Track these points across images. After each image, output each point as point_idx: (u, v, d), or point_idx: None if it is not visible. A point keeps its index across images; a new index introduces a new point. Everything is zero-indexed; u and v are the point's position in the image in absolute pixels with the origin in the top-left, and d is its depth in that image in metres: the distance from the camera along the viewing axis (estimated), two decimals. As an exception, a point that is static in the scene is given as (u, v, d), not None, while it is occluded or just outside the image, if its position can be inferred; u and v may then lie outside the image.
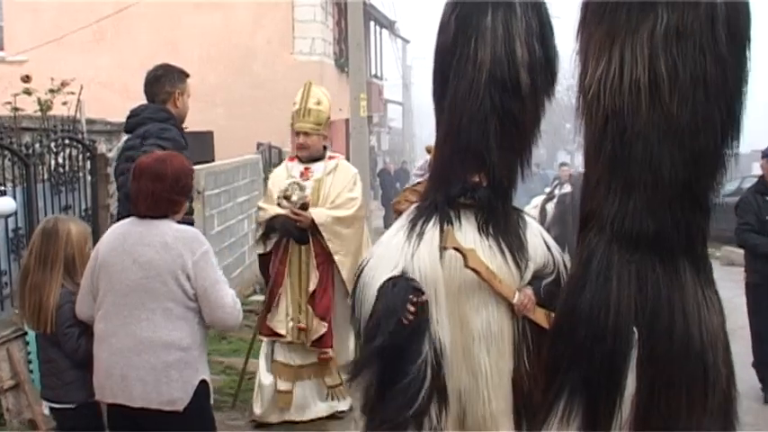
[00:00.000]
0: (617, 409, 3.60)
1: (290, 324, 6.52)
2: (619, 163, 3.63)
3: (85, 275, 4.17)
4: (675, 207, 3.61)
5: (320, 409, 6.76)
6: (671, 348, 3.55)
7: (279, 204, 6.44)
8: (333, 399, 6.76)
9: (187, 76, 5.65)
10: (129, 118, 5.50)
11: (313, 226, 6.41)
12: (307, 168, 6.69)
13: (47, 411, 4.53)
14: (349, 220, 6.62)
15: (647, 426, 3.58)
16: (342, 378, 6.53)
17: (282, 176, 6.74)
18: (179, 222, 4.18)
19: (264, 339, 6.72)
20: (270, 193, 6.73)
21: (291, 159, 6.94)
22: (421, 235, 4.24)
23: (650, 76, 3.54)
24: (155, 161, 4.14)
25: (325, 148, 6.82)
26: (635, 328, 3.58)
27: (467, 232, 4.29)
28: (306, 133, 6.62)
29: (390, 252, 4.26)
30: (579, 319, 3.69)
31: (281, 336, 6.53)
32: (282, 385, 6.57)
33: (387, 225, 25.35)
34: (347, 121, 22.45)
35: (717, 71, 3.52)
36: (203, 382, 4.09)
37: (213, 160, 12.91)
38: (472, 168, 4.30)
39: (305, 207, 6.38)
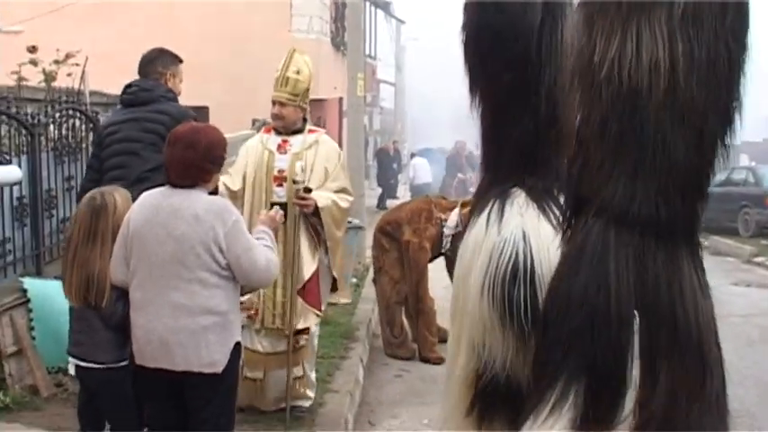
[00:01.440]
0: (620, 398, 3.47)
1: (266, 307, 6.03)
2: (627, 144, 3.52)
3: (118, 243, 4.26)
4: (687, 193, 3.54)
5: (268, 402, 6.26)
6: (674, 336, 3.45)
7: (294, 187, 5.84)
8: (294, 392, 6.11)
9: (180, 61, 5.78)
10: (141, 91, 5.55)
11: (315, 210, 5.90)
12: (285, 141, 6.18)
13: (72, 370, 4.59)
14: (346, 209, 6.25)
15: (650, 416, 3.45)
16: (306, 370, 6.22)
17: (258, 149, 6.21)
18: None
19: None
20: (239, 165, 6.16)
21: (267, 131, 6.38)
22: (551, 218, 4.39)
23: (669, 57, 3.43)
24: (189, 130, 4.28)
25: (304, 120, 6.30)
26: (636, 314, 3.46)
27: None
28: (281, 103, 6.11)
29: (548, 237, 4.31)
30: (573, 302, 3.56)
31: (252, 315, 6.00)
32: (250, 373, 6.10)
33: (380, 206, 25.43)
34: (341, 99, 22.48)
35: (726, 57, 3.46)
36: (237, 343, 4.27)
37: (209, 135, 12.93)
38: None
39: (308, 190, 5.90)
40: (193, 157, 4.16)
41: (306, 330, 6.11)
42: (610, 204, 3.57)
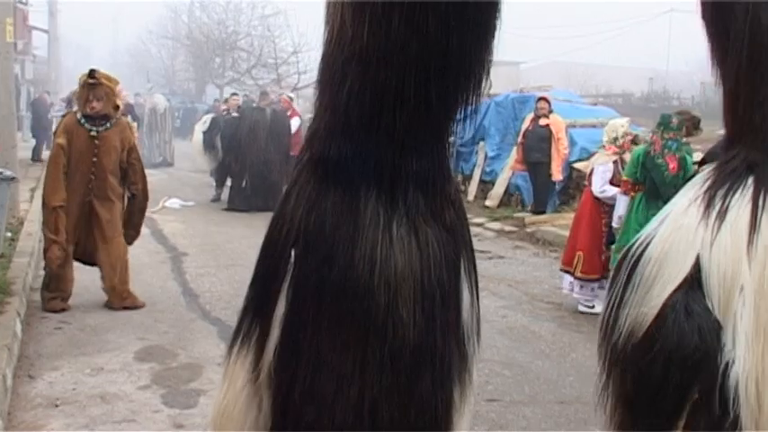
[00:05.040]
0: (270, 329, 3.33)
1: None
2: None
3: None
4: (355, 134, 3.28)
5: None
6: (328, 276, 3.24)
7: None
8: None
9: None
10: None
11: None
12: None
13: None
14: None
15: (292, 352, 3.29)
16: None
17: None
18: None
19: None
20: None
21: None
22: (723, 214, 3.42)
23: None
24: None
25: None
26: (293, 249, 3.33)
27: None
28: None
29: (681, 235, 3.45)
30: (264, 240, 3.51)
31: None
32: None
33: (34, 157, 24.49)
34: (-11, 46, 21.24)
35: None
36: None
37: None
38: None
39: None
40: None
41: None
42: (307, 144, 3.51)
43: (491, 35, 3.32)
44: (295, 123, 17.72)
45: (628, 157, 9.35)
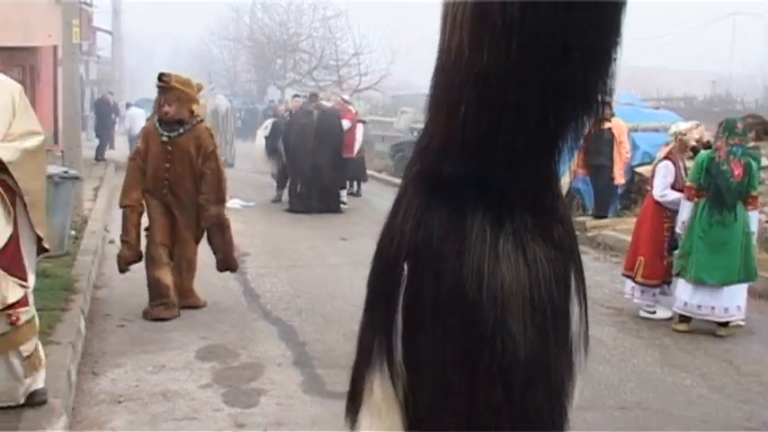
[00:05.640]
0: (393, 346, 3.38)
1: None
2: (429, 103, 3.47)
3: None
4: (470, 154, 3.26)
5: (18, 393, 5.42)
6: (438, 292, 3.28)
7: None
8: (27, 373, 5.40)
9: None
10: None
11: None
12: None
13: None
14: (38, 152, 5.31)
15: (413, 363, 3.35)
16: (38, 343, 5.53)
17: None
18: None
19: None
20: None
21: None
22: None
23: None
24: None
25: None
26: (405, 264, 3.36)
27: None
28: None
29: None
30: (377, 249, 3.57)
31: None
32: None
33: (98, 157, 24.94)
34: (56, 48, 21.61)
35: None
36: None
37: None
38: None
39: None
40: None
41: (21, 303, 5.26)
42: (416, 159, 3.55)
43: (612, 59, 3.30)
44: (345, 125, 17.49)
45: (687, 137, 9.28)
